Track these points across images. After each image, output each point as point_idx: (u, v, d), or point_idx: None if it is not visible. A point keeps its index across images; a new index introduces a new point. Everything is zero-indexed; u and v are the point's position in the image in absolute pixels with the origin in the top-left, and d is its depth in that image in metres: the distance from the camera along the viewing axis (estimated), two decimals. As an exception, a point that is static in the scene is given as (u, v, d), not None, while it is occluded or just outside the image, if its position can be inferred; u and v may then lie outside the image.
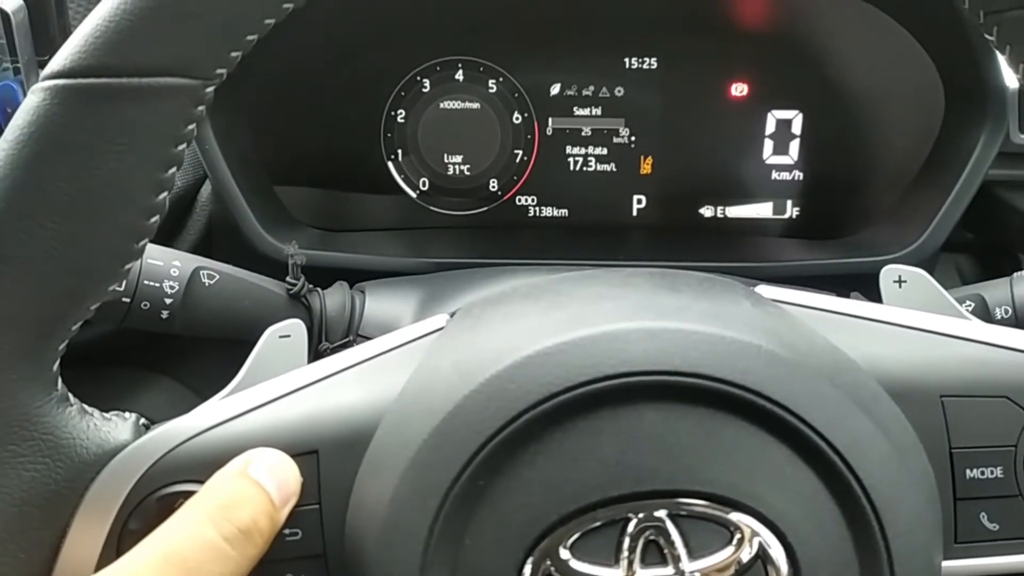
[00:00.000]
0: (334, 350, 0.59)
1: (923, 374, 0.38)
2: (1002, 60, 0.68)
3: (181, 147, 0.35)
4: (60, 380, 0.37)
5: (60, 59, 0.33)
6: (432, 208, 0.80)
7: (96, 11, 0.33)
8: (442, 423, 0.34)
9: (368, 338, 0.45)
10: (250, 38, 0.35)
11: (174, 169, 0.35)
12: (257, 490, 0.35)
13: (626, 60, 0.77)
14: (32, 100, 0.33)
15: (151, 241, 0.37)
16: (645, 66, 0.77)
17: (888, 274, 0.45)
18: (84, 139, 0.33)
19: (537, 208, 0.81)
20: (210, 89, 0.35)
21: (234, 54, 0.35)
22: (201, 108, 0.35)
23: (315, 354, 0.59)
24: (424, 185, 0.80)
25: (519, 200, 0.81)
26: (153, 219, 0.36)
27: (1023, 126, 0.72)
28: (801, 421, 0.34)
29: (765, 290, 0.41)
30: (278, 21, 0.35)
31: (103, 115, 0.33)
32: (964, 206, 0.70)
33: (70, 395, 0.37)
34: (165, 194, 0.35)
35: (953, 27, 0.68)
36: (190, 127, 0.35)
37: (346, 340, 0.61)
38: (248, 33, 0.35)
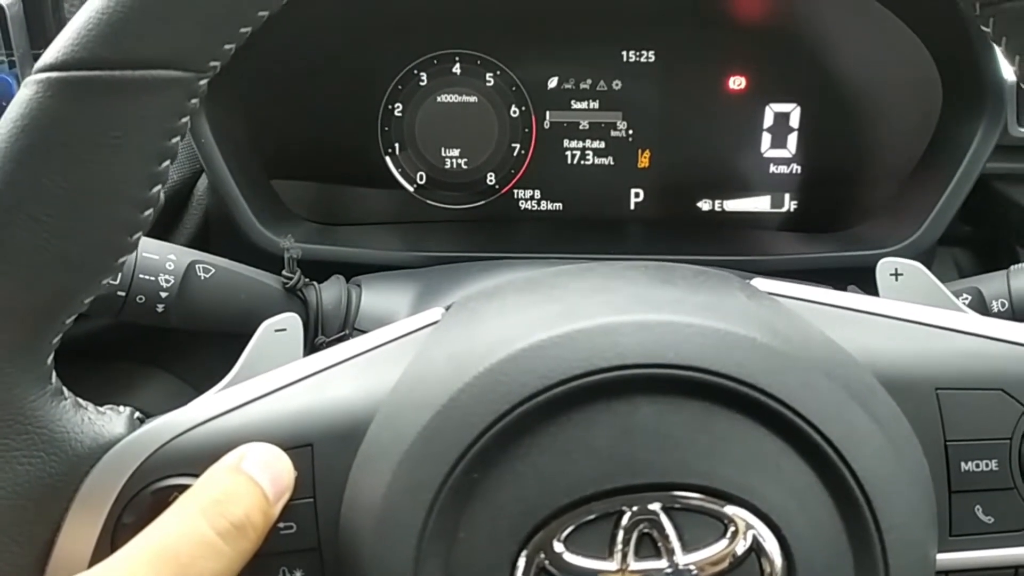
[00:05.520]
0: (330, 344, 0.59)
1: (918, 367, 0.38)
2: (1000, 53, 0.68)
3: (175, 140, 0.35)
4: (54, 374, 0.37)
5: (53, 52, 0.33)
6: (429, 202, 0.80)
7: (89, 3, 0.33)
8: (436, 416, 0.34)
9: (364, 332, 0.45)
10: (244, 30, 0.35)
11: (168, 162, 0.35)
12: (250, 485, 0.35)
13: (624, 53, 0.77)
14: (25, 93, 0.33)
15: (147, 235, 0.36)
16: (643, 59, 0.77)
17: (884, 267, 0.45)
18: (77, 132, 0.33)
19: (534, 202, 0.81)
20: (204, 82, 0.35)
21: (228, 46, 0.35)
22: (195, 101, 0.35)
23: (311, 348, 0.59)
24: (421, 179, 0.80)
25: (516, 194, 0.80)
26: (147, 212, 0.35)
27: (1021, 119, 0.72)
28: (796, 414, 0.34)
29: (760, 283, 0.41)
30: (272, 14, 0.35)
31: (96, 108, 0.33)
32: (962, 199, 0.70)
33: (64, 389, 0.37)
34: (159, 187, 0.35)
35: (951, 20, 0.68)
36: (183, 120, 0.35)
37: (342, 334, 0.61)
38: (241, 25, 0.34)
